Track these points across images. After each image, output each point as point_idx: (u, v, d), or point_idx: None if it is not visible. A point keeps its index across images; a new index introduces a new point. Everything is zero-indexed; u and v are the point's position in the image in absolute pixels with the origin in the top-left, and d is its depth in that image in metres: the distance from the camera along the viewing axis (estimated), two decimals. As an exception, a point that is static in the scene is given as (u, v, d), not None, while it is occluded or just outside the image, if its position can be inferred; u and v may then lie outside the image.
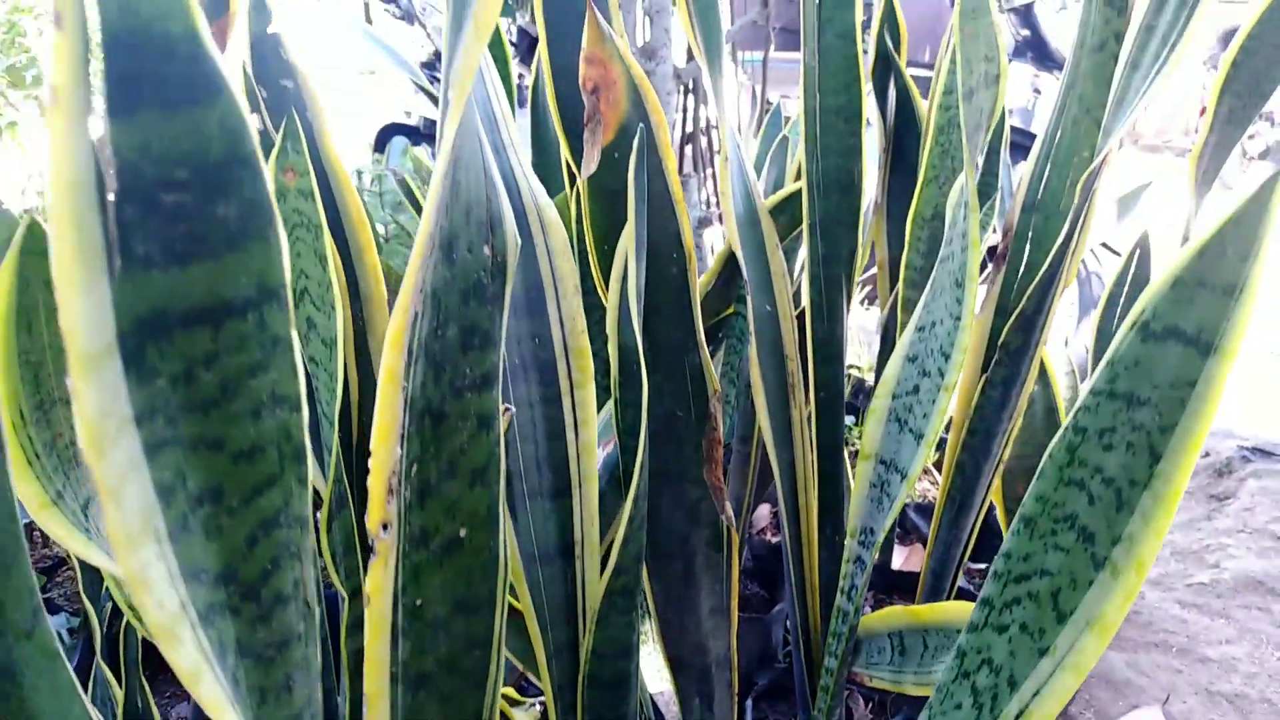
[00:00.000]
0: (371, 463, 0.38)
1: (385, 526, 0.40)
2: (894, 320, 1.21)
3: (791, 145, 1.19)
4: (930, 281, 0.84)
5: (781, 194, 0.96)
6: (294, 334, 0.27)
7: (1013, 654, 0.43)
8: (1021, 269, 1.04)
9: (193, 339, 0.25)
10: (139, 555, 0.25)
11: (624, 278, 0.57)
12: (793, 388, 0.99)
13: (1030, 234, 1.04)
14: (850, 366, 2.05)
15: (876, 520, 0.84)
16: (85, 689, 0.50)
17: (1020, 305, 0.95)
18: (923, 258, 1.14)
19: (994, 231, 1.16)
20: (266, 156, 0.45)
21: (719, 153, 1.05)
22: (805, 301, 0.92)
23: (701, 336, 0.67)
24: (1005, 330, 0.96)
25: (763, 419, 0.97)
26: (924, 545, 1.42)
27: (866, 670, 0.97)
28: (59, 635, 0.69)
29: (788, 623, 1.20)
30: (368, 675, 0.42)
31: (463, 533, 0.43)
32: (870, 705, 1.10)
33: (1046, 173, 1.03)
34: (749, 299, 0.91)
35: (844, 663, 0.89)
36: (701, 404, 0.71)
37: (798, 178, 1.16)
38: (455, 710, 0.44)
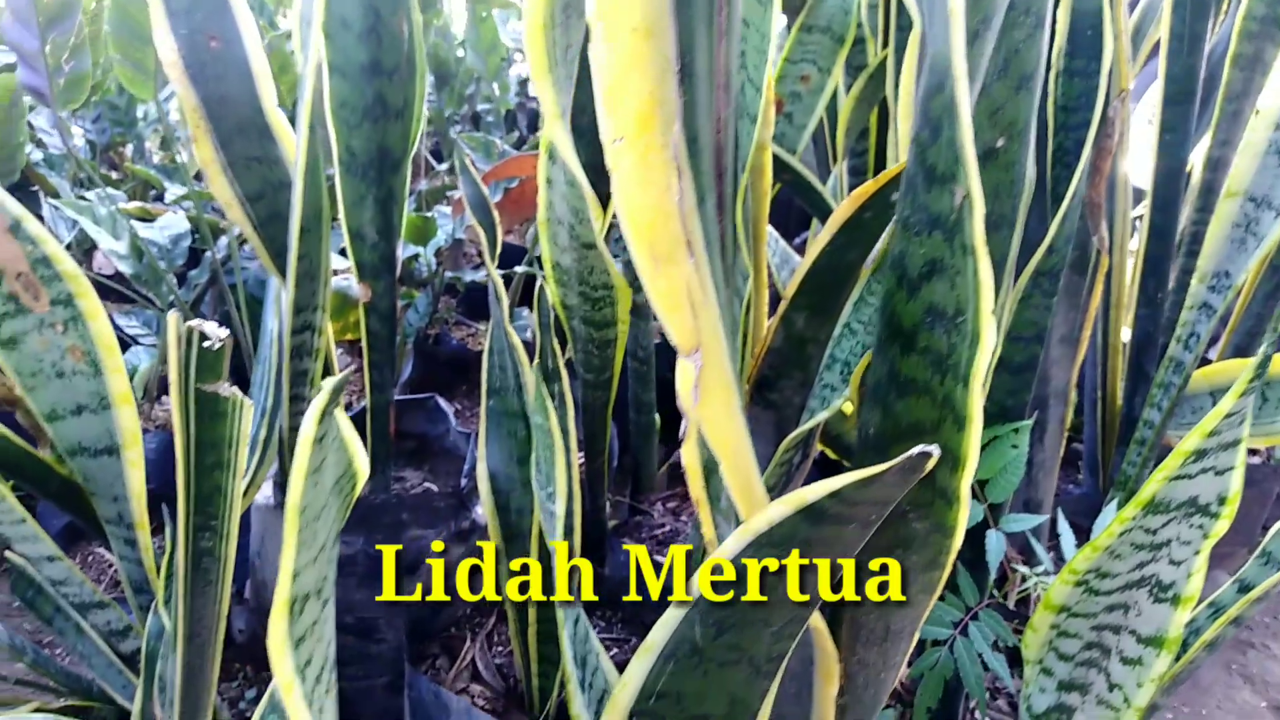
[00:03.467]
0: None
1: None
2: (1212, 83, 1.12)
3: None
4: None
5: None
6: None
7: None
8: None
9: None
10: None
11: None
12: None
13: None
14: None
15: (1236, 263, 0.80)
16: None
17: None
18: (1266, 6, 1.04)
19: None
20: None
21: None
22: (1163, 30, 0.85)
23: (1109, 28, 0.63)
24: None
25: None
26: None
27: (1177, 432, 0.94)
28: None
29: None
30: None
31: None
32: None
33: None
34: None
35: (1168, 416, 0.87)
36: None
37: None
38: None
